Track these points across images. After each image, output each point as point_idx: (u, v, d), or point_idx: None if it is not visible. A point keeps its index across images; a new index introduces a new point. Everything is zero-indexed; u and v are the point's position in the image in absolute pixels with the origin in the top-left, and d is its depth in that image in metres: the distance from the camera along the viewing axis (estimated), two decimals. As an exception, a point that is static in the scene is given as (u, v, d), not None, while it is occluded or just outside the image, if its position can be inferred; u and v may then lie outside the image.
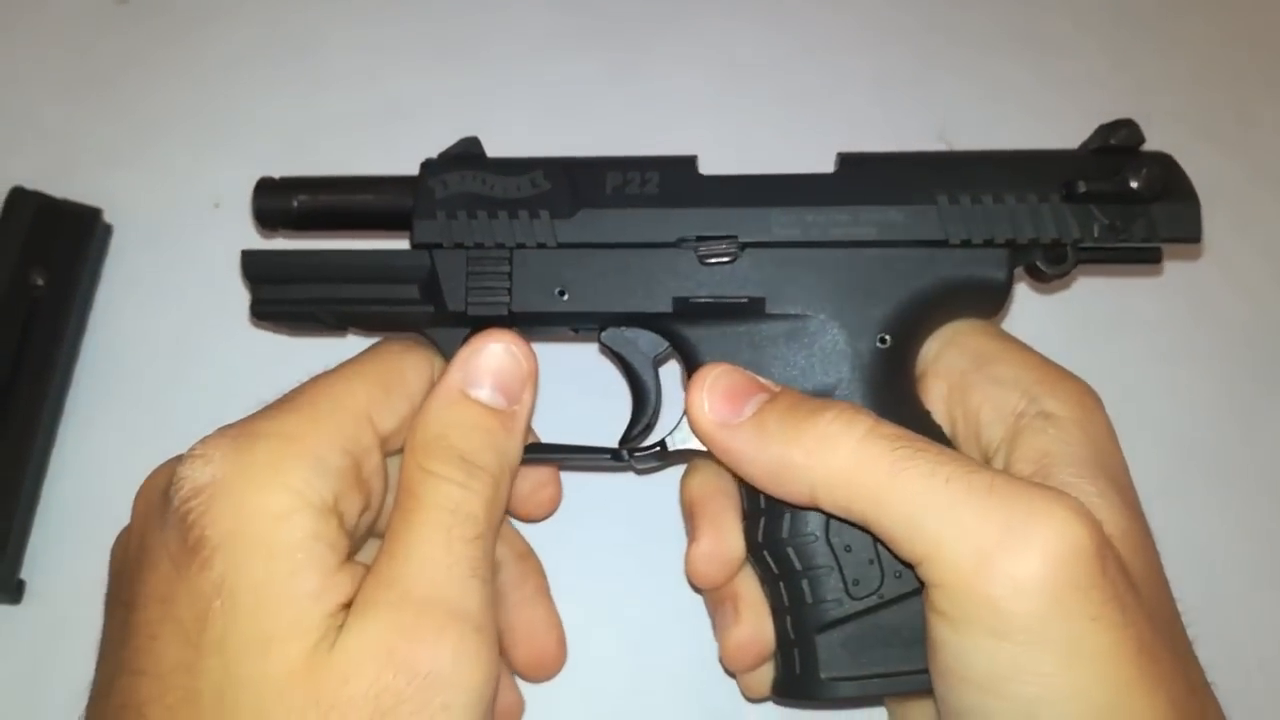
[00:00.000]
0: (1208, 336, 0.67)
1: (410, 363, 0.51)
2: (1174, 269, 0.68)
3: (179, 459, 0.45)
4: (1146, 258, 0.54)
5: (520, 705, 0.58)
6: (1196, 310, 0.68)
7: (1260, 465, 0.65)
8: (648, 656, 0.61)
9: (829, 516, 0.49)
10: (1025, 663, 0.40)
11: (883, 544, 0.45)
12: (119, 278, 0.68)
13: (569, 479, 0.63)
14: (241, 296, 0.66)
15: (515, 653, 0.57)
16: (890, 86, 0.72)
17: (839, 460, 0.44)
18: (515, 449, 0.50)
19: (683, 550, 0.60)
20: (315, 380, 0.49)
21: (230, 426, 0.46)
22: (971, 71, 0.72)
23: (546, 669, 0.58)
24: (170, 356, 0.67)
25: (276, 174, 0.57)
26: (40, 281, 0.65)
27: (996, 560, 0.40)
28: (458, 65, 0.72)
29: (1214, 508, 0.64)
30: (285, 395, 0.48)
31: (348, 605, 0.43)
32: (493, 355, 0.50)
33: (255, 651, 0.41)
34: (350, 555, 0.45)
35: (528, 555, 0.59)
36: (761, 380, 0.50)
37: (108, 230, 0.69)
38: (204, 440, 0.45)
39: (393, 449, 0.49)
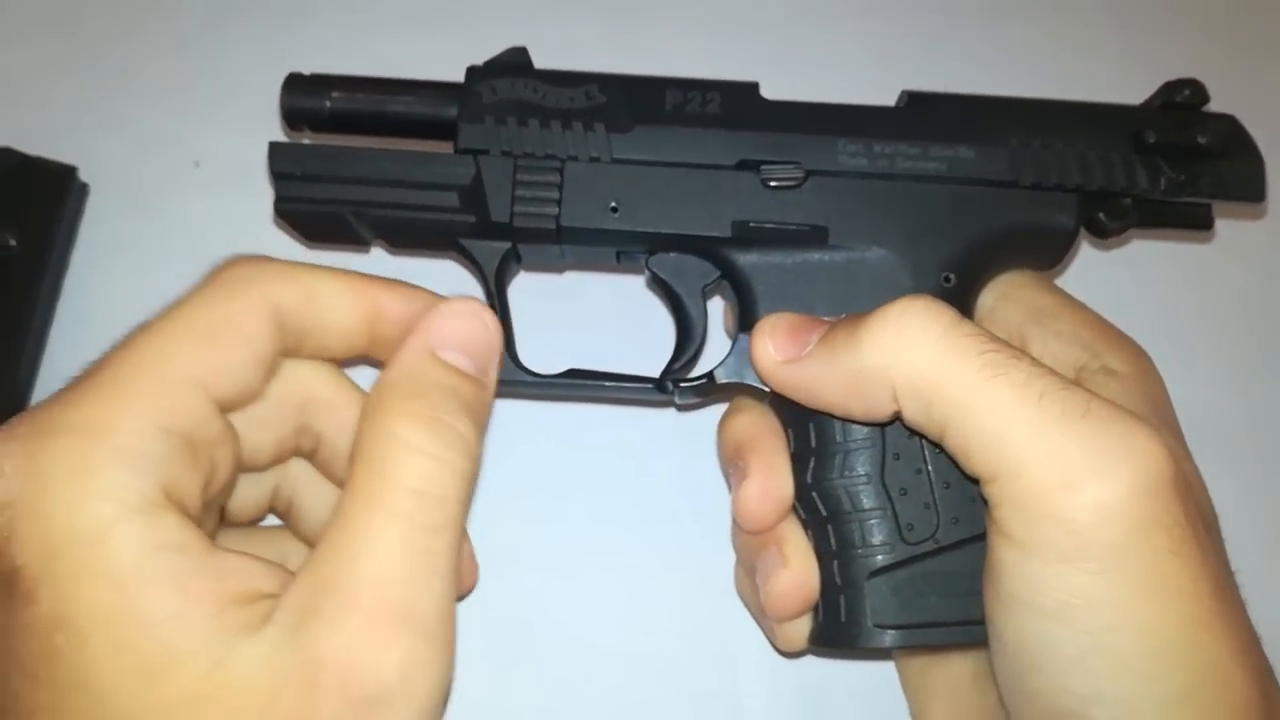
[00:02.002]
0: (1212, 307, 0.66)
1: (245, 303, 0.42)
2: (1177, 238, 0.67)
3: None
4: (1199, 223, 0.54)
5: (474, 573, 0.52)
6: (1201, 280, 0.67)
7: (1264, 439, 0.64)
8: (640, 641, 0.58)
9: (884, 457, 0.48)
10: (1100, 591, 0.38)
11: (949, 454, 0.43)
12: (96, 239, 0.65)
13: (563, 455, 0.61)
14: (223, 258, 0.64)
15: None
16: (893, 50, 0.71)
17: (921, 357, 0.42)
18: (485, 428, 0.44)
19: (676, 534, 0.59)
20: (124, 345, 0.40)
21: (20, 423, 0.37)
22: (975, 35, 0.72)
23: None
24: (148, 322, 0.64)
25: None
26: (13, 242, 0.61)
27: (1081, 483, 0.38)
28: (446, 26, 0.70)
29: (1218, 481, 0.63)
30: (87, 369, 0.39)
31: (239, 600, 0.36)
32: (461, 317, 0.43)
33: (136, 685, 0.35)
34: (212, 534, 0.40)
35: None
36: (820, 319, 0.48)
37: (84, 190, 0.65)
38: None
39: (237, 407, 0.42)
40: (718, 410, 0.56)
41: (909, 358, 0.42)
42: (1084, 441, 0.39)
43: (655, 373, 0.53)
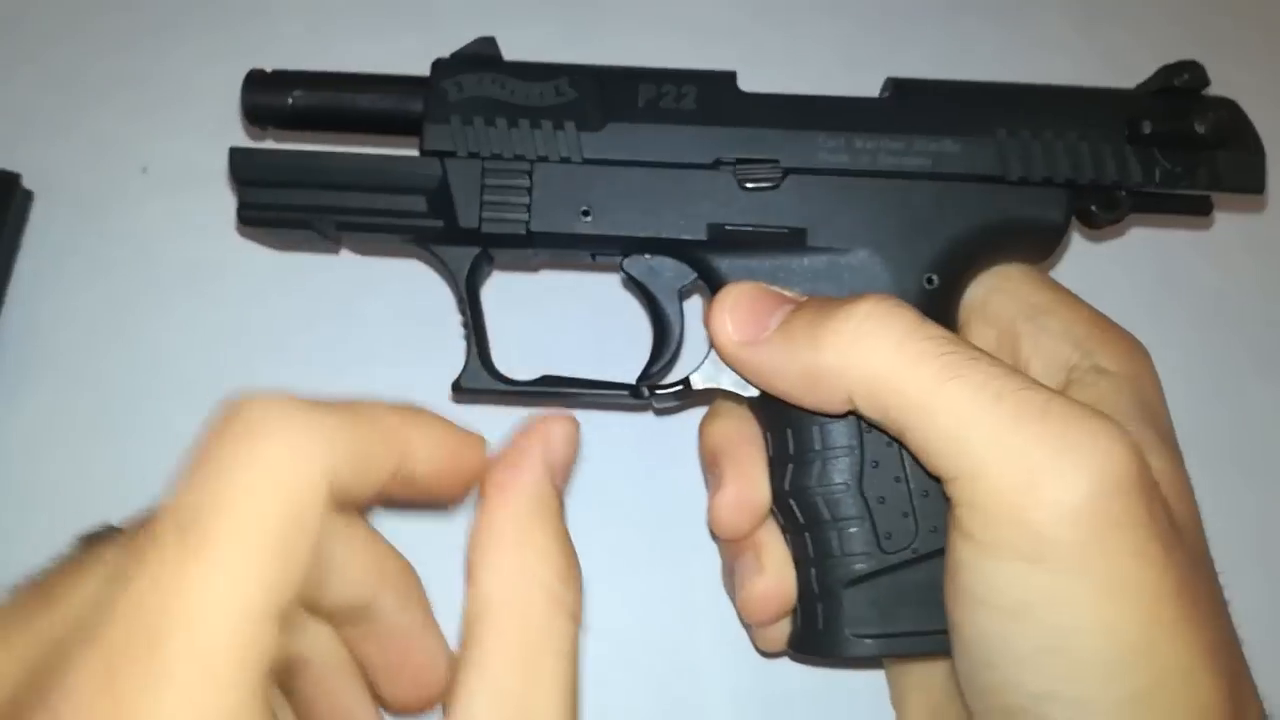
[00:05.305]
0: (1178, 305, 0.66)
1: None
2: (1140, 235, 0.66)
3: None
4: (1197, 209, 0.53)
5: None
6: (1166, 278, 0.66)
7: (1233, 440, 0.63)
8: (608, 650, 0.57)
9: (862, 465, 0.46)
10: (1059, 591, 0.38)
11: (911, 454, 0.42)
12: (41, 248, 0.63)
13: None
14: (173, 268, 0.63)
15: (395, 690, 0.41)
16: (855, 51, 0.70)
17: (877, 362, 0.41)
18: None
19: (644, 542, 0.58)
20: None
21: None
22: (937, 36, 0.70)
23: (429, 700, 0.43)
24: (97, 333, 0.62)
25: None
26: (-48, 253, 0.59)
27: (1042, 484, 0.38)
28: (406, 26, 0.67)
29: (1195, 482, 0.63)
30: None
31: None
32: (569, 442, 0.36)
33: None
34: None
35: (406, 570, 0.39)
36: (785, 293, 0.47)
37: (28, 197, 0.63)
38: None
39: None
40: (695, 410, 0.55)
41: (865, 362, 0.41)
42: (1043, 442, 0.38)
43: (633, 375, 0.52)
